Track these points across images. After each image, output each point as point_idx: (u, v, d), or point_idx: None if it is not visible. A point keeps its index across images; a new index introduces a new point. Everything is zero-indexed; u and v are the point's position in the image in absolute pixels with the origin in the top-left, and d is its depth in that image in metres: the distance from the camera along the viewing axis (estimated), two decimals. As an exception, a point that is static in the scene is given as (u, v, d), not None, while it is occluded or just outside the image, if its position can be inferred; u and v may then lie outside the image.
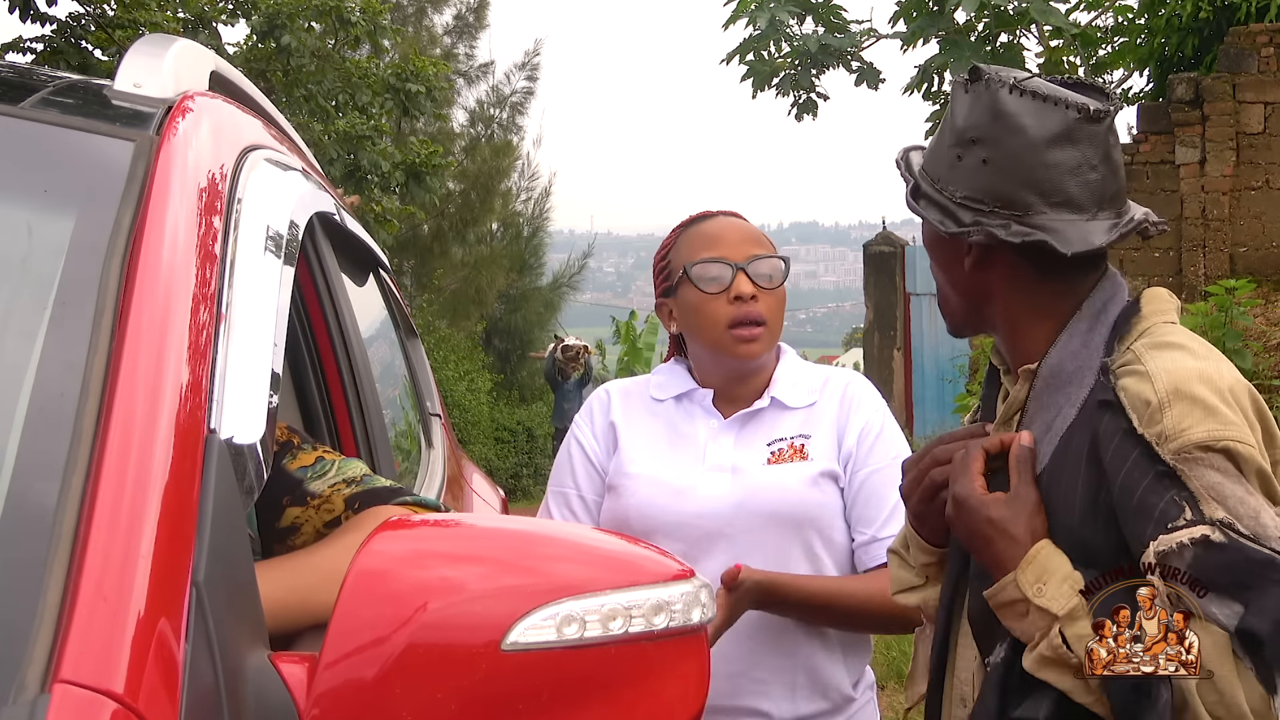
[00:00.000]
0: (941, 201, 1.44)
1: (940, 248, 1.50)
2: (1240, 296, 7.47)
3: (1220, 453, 1.28)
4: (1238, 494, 1.27)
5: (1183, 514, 1.27)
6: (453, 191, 18.22)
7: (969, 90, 1.45)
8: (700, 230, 2.10)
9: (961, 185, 1.43)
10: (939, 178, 1.46)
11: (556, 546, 1.10)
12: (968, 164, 1.43)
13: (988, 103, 1.42)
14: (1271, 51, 9.93)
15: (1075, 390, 1.40)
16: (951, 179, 1.44)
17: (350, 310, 2.08)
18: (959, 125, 1.44)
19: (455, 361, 15.44)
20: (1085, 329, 1.43)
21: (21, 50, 9.47)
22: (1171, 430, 1.29)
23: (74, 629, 0.84)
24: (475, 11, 19.65)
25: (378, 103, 11.18)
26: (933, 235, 1.50)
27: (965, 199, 1.42)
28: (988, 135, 1.42)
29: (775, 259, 2.05)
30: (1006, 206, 1.41)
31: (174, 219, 1.18)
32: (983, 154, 1.42)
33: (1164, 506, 1.28)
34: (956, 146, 1.44)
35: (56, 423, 0.96)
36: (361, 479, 1.47)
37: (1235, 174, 9.98)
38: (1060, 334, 1.43)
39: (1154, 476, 1.29)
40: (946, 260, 1.50)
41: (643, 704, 1.05)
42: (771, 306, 2.03)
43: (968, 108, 1.44)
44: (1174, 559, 1.25)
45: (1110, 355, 1.39)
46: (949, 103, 1.50)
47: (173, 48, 1.58)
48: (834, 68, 13.13)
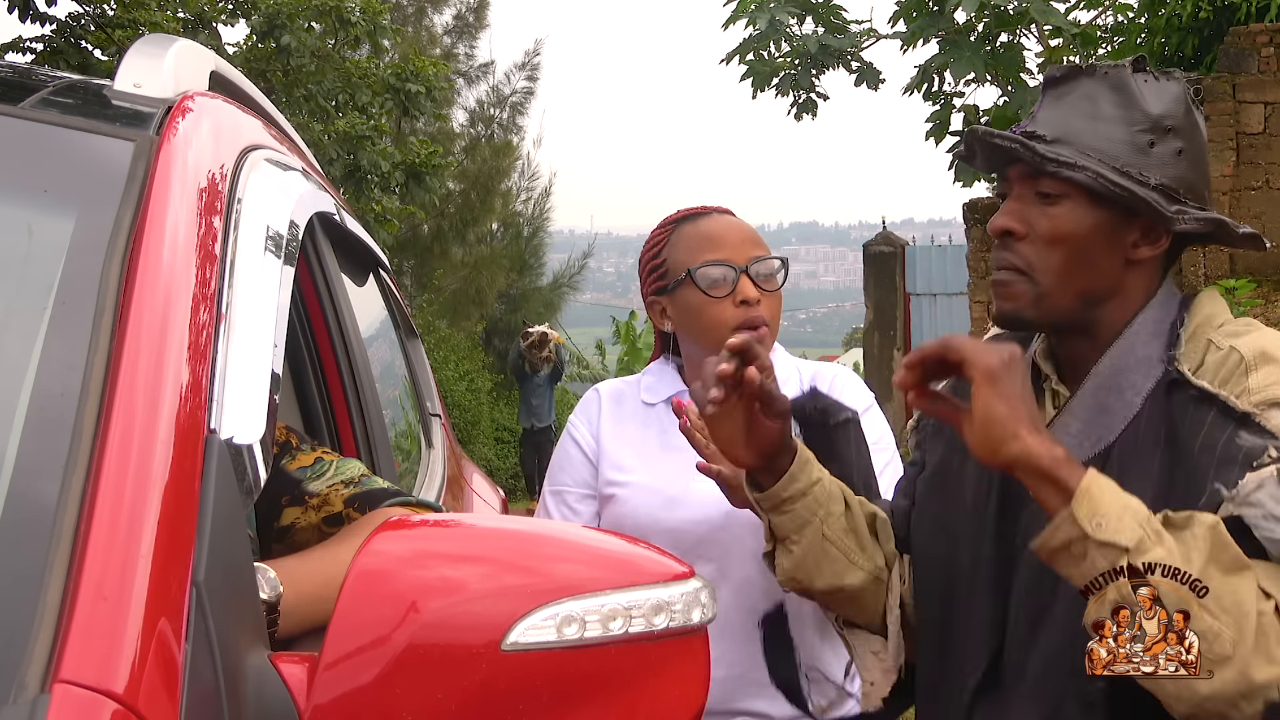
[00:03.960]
0: (1135, 186, 1.39)
1: (1104, 236, 1.42)
2: (1240, 296, 7.48)
3: None
4: None
5: (1267, 452, 1.27)
6: (453, 191, 18.22)
7: (1147, 80, 1.44)
8: (699, 229, 2.07)
9: (1157, 172, 1.40)
10: (1126, 160, 1.40)
11: (556, 546, 1.10)
12: (1161, 152, 1.41)
13: (1176, 95, 1.43)
14: (1271, 51, 9.93)
15: (1140, 379, 1.40)
16: (1144, 164, 1.40)
17: (350, 310, 2.08)
18: (1154, 112, 1.42)
19: (455, 361, 15.44)
20: (1156, 318, 1.43)
21: (21, 50, 9.47)
22: (1256, 386, 1.30)
23: (74, 629, 0.84)
24: (475, 11, 19.65)
25: (378, 103, 11.18)
26: (1097, 223, 1.41)
27: (1161, 185, 1.40)
28: (1183, 127, 1.43)
29: (774, 260, 2.04)
30: (1195, 198, 1.42)
31: (174, 219, 1.18)
32: (1178, 144, 1.42)
33: (1248, 449, 1.28)
34: (1150, 133, 1.41)
35: (56, 423, 0.96)
36: (360, 480, 1.48)
37: (1235, 174, 9.99)
38: (1135, 319, 1.43)
39: (1234, 426, 1.30)
40: (1104, 249, 1.42)
41: (643, 704, 1.05)
42: (772, 308, 2.03)
43: (1156, 96, 1.43)
44: (1261, 490, 1.25)
45: (1175, 348, 1.40)
46: (1118, 88, 1.43)
47: (173, 48, 1.58)
48: (834, 68, 13.12)
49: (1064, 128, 1.42)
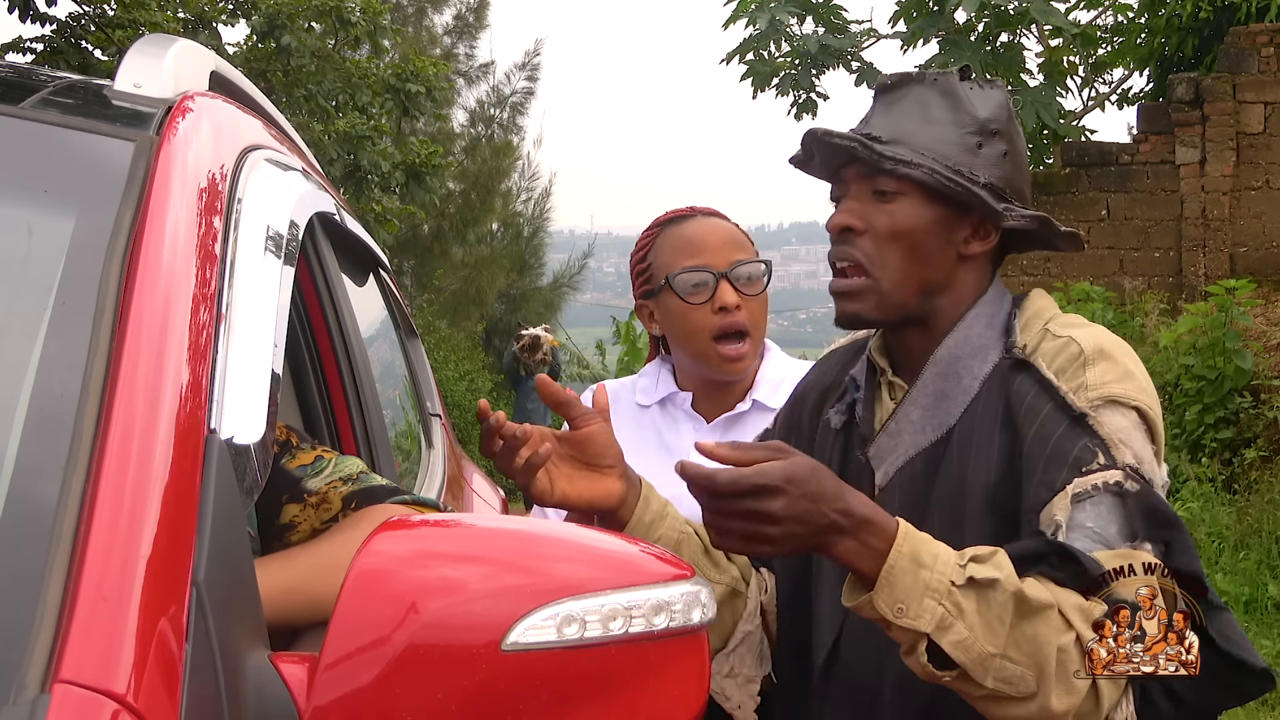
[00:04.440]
0: (966, 184, 1.45)
1: (938, 231, 1.47)
2: (1240, 296, 7.47)
3: (1132, 409, 1.36)
4: (1140, 439, 1.36)
5: (1096, 459, 1.32)
6: (453, 191, 18.22)
7: (972, 88, 1.51)
8: (680, 233, 2.05)
9: (985, 171, 1.47)
10: (957, 160, 1.46)
11: (557, 546, 1.10)
12: (989, 153, 1.48)
13: (1000, 101, 1.51)
14: (1271, 51, 9.93)
15: (978, 365, 1.45)
16: (973, 164, 1.47)
17: (350, 310, 2.08)
18: (981, 116, 1.49)
19: (455, 361, 15.43)
20: (989, 312, 1.49)
21: (21, 50, 9.47)
22: (1093, 382, 1.36)
23: (74, 629, 0.84)
24: (475, 11, 19.65)
25: (378, 103, 11.18)
26: (932, 219, 1.46)
27: (989, 184, 1.47)
28: (1006, 131, 1.50)
29: (757, 263, 2.02)
30: (1019, 198, 1.50)
31: (174, 219, 1.18)
32: (1003, 147, 1.49)
33: (1078, 452, 1.33)
34: (978, 135, 1.48)
35: (56, 423, 0.96)
36: (358, 477, 1.48)
37: (1235, 174, 9.99)
38: (968, 312, 1.49)
39: (1068, 424, 1.35)
40: (938, 244, 1.48)
41: (643, 704, 1.05)
42: (755, 312, 2.01)
43: (983, 102, 1.50)
44: (1087, 501, 1.30)
45: (1011, 335, 1.46)
46: (947, 94, 1.51)
47: (173, 48, 1.58)
48: (834, 68, 13.12)
49: (898, 130, 1.48)
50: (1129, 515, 1.31)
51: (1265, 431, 6.97)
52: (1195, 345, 7.49)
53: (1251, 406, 7.13)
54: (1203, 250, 10.03)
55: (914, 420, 1.47)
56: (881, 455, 1.49)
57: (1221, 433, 7.12)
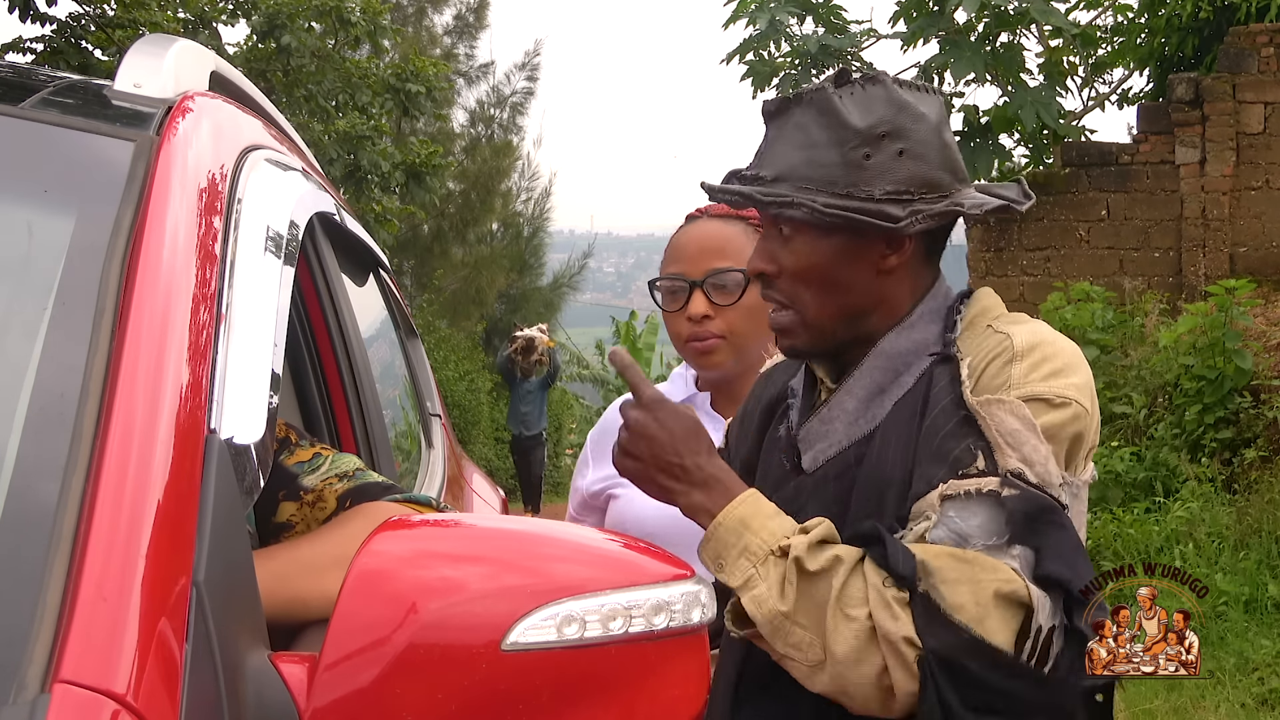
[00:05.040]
0: (858, 206, 1.39)
1: (847, 258, 1.44)
2: (1240, 296, 7.47)
3: (1057, 406, 1.33)
4: (1032, 441, 1.31)
5: (975, 462, 1.31)
6: (453, 191, 18.23)
7: (853, 93, 1.43)
8: (673, 238, 2.10)
9: (880, 182, 1.40)
10: (846, 182, 1.40)
11: (556, 546, 1.10)
12: (880, 160, 1.40)
13: (884, 97, 1.43)
14: (1271, 51, 9.93)
15: (917, 363, 1.43)
16: (864, 179, 1.40)
17: (350, 310, 2.08)
18: (862, 126, 1.41)
19: (455, 361, 15.43)
20: (933, 308, 1.47)
21: (21, 50, 9.47)
22: (1017, 379, 1.34)
23: (74, 629, 0.84)
24: (475, 11, 19.67)
25: (378, 103, 11.18)
26: (835, 249, 1.43)
27: (889, 194, 1.40)
28: (896, 126, 1.41)
29: (733, 272, 2.00)
30: (931, 190, 1.42)
31: (174, 219, 1.18)
32: (896, 146, 1.41)
33: (959, 453, 1.32)
34: (863, 146, 1.40)
35: (56, 423, 0.96)
36: (354, 474, 1.48)
37: (1235, 174, 9.99)
38: (910, 313, 1.46)
39: (957, 422, 1.34)
40: (851, 270, 1.44)
41: (643, 704, 1.05)
42: (732, 320, 2.01)
43: (861, 107, 1.42)
44: (958, 506, 1.29)
45: (953, 332, 1.43)
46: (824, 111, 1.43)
47: (173, 48, 1.58)
48: (834, 68, 13.11)
49: (782, 163, 1.43)
50: (1000, 518, 1.28)
51: (1265, 431, 6.97)
52: (1195, 345, 7.49)
53: (1251, 406, 7.13)
54: (1202, 250, 10.03)
55: (848, 410, 1.46)
56: (810, 440, 1.48)
57: (1221, 433, 7.12)
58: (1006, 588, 1.25)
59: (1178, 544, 6.31)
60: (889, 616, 1.25)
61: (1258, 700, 5.01)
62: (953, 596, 1.25)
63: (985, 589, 1.25)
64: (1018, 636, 1.25)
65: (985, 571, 1.26)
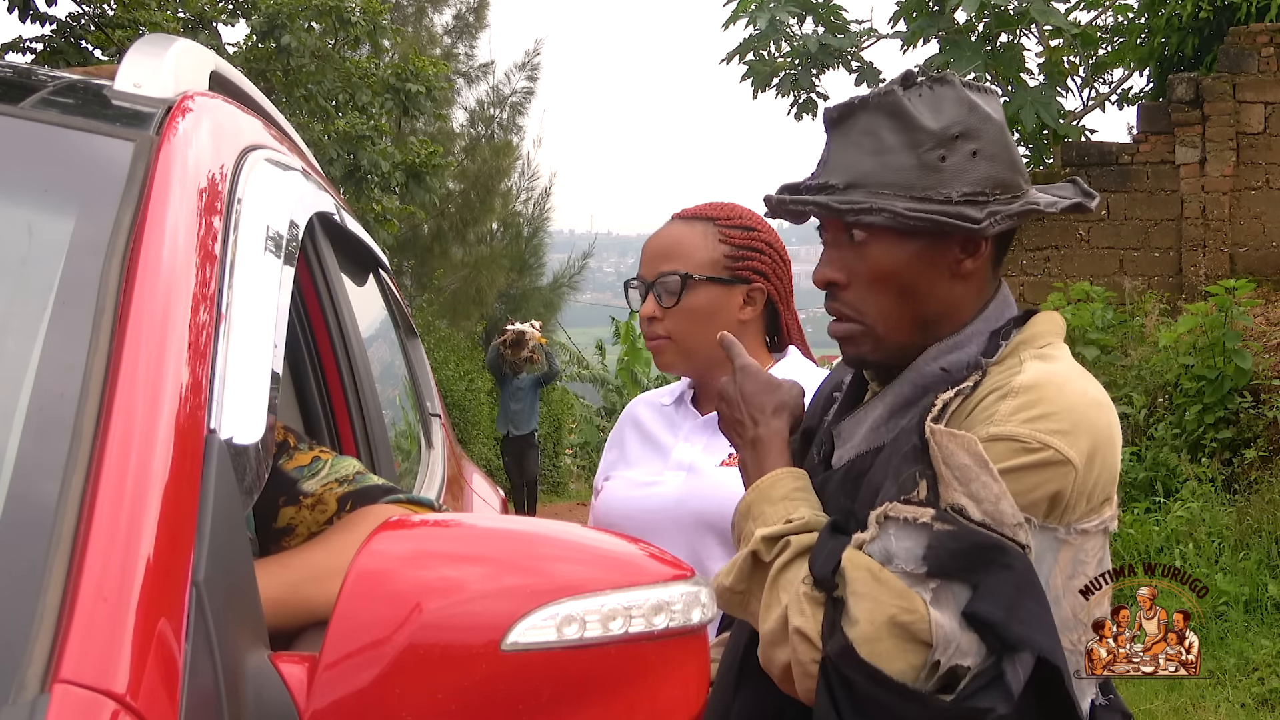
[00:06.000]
0: (938, 209, 1.37)
1: (924, 263, 1.41)
2: (1240, 296, 7.47)
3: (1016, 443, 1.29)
4: (982, 478, 1.27)
5: (916, 491, 1.29)
6: (453, 191, 18.22)
7: (921, 94, 1.42)
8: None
9: (957, 184, 1.38)
10: (923, 185, 1.38)
11: (556, 546, 1.10)
12: (956, 161, 1.39)
13: (954, 97, 1.41)
14: (1271, 51, 9.94)
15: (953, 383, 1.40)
16: (941, 182, 1.38)
17: (350, 310, 2.08)
18: (935, 127, 1.39)
19: (455, 361, 15.43)
20: (984, 329, 1.43)
21: (21, 50, 9.47)
22: (1001, 415, 1.31)
23: (74, 629, 0.84)
24: (475, 11, 19.66)
25: (378, 103, 11.18)
26: (913, 254, 1.41)
27: (966, 196, 1.38)
28: (969, 127, 1.40)
29: (669, 277, 2.03)
30: (1005, 190, 1.40)
31: (174, 219, 1.18)
32: (970, 147, 1.39)
33: (904, 480, 1.31)
34: (938, 148, 1.38)
35: (56, 423, 0.96)
36: (354, 477, 1.48)
37: (1235, 174, 9.99)
38: (964, 329, 1.43)
39: (912, 447, 1.32)
40: (928, 276, 1.42)
41: (643, 704, 1.05)
42: (678, 322, 2.03)
43: (932, 108, 1.41)
44: (895, 527, 1.28)
45: (990, 356, 1.40)
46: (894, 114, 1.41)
47: (173, 48, 1.58)
48: (834, 68, 13.13)
49: (854, 170, 1.41)
50: (926, 550, 1.26)
51: (1265, 431, 6.97)
52: (1195, 345, 7.49)
53: (1251, 406, 7.13)
54: (1203, 250, 10.03)
55: (875, 418, 1.45)
56: (844, 436, 1.49)
57: (1221, 433, 7.12)
58: (905, 617, 1.24)
59: (1178, 544, 6.32)
60: (796, 611, 1.30)
61: (1258, 700, 5.01)
62: (854, 610, 1.26)
63: (883, 611, 1.25)
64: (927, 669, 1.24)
65: (891, 596, 1.25)
